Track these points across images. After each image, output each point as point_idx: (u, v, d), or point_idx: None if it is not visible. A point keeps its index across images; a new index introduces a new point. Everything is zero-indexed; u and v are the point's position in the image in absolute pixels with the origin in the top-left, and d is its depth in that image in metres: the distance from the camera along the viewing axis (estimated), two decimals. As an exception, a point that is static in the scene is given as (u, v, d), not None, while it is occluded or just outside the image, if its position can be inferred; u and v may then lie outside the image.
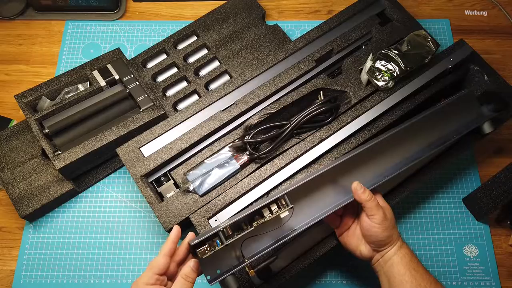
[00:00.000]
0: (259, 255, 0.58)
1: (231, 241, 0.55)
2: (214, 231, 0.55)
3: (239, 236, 0.56)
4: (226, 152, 0.75)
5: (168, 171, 0.75)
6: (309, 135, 0.75)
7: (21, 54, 0.95)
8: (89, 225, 0.81)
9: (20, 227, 0.81)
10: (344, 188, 0.65)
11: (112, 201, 0.83)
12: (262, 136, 0.73)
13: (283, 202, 0.59)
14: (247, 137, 0.73)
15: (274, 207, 0.58)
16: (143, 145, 0.75)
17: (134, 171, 0.73)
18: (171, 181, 0.74)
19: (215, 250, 0.55)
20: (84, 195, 0.83)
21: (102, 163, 0.84)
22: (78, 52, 0.96)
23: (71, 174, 0.80)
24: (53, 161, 0.75)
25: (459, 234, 0.80)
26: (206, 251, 0.54)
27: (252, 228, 0.57)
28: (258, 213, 0.59)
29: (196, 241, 0.55)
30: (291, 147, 0.74)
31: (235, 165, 0.73)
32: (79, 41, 0.97)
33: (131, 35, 0.98)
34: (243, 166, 0.74)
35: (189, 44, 0.90)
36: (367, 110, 0.76)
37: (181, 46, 0.91)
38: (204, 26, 0.92)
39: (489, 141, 0.84)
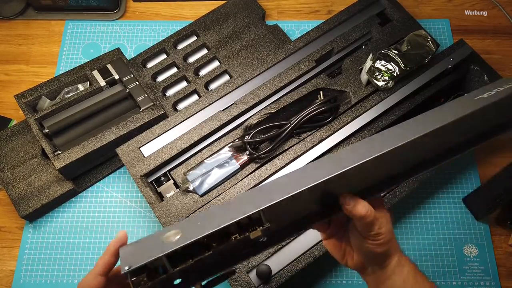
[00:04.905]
0: (213, 277, 0.46)
1: (178, 269, 0.41)
2: (156, 256, 0.39)
3: (192, 262, 0.41)
4: (226, 152, 0.75)
5: (168, 171, 0.75)
6: (309, 135, 0.75)
7: (20, 54, 0.95)
8: (89, 225, 0.81)
9: (20, 227, 0.81)
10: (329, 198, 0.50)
11: (112, 201, 0.83)
12: (262, 136, 0.73)
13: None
14: (247, 137, 0.73)
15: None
16: (143, 145, 0.75)
17: (134, 171, 0.73)
18: (171, 181, 0.74)
19: (155, 281, 0.40)
20: (84, 195, 0.83)
21: (102, 163, 0.84)
22: (78, 52, 0.96)
23: (71, 174, 0.80)
24: (53, 161, 0.75)
25: (459, 234, 0.80)
26: (142, 282, 0.40)
27: (210, 253, 0.41)
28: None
29: (127, 269, 0.39)
30: (291, 147, 0.74)
31: (235, 165, 0.73)
32: (79, 41, 0.96)
33: (131, 35, 0.98)
34: (243, 166, 0.74)
35: (189, 44, 0.90)
36: (367, 110, 0.76)
37: (181, 46, 0.91)
38: (204, 26, 0.92)
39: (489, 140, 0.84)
